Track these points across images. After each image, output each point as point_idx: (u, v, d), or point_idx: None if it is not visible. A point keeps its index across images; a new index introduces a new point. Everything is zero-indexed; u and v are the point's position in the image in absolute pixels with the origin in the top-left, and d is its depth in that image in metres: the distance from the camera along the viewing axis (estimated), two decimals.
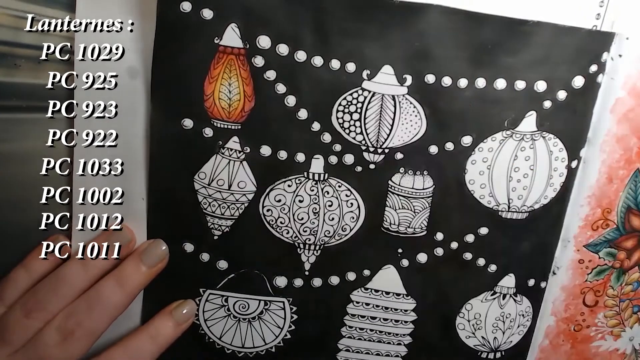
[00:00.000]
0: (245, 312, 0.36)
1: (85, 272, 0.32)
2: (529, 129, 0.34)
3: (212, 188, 0.33)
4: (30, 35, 0.30)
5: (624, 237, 0.38)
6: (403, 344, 0.38)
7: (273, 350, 0.37)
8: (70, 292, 0.32)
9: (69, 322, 0.31)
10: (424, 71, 0.32)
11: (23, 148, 0.32)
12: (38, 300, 0.31)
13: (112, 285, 0.32)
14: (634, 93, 0.35)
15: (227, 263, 0.35)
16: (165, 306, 0.35)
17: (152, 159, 0.33)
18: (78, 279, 0.32)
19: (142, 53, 0.31)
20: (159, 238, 0.34)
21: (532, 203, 0.36)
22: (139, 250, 0.33)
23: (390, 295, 0.37)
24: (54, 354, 0.30)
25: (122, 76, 0.31)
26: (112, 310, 0.32)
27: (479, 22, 0.31)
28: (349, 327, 0.37)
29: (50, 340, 0.31)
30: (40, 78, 0.31)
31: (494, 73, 0.32)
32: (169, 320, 0.34)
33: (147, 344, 0.33)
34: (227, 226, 0.34)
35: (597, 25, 0.34)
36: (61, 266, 0.32)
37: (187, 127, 0.32)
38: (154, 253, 0.33)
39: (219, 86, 0.31)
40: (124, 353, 0.32)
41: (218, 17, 0.30)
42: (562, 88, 0.33)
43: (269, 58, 0.31)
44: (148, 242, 0.34)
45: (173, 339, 0.34)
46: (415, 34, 0.31)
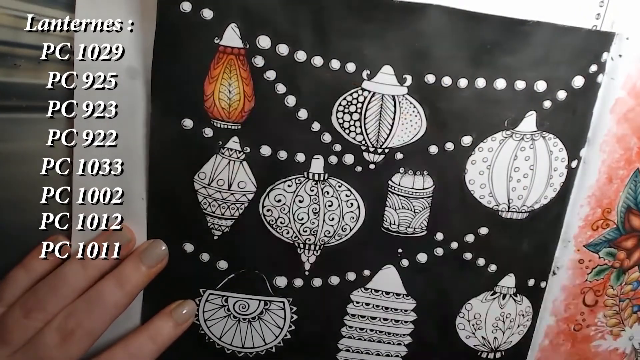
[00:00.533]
0: (245, 312, 0.36)
1: (84, 272, 0.32)
2: (529, 129, 0.34)
3: (212, 188, 0.33)
4: (30, 35, 0.30)
5: (623, 237, 0.38)
6: (403, 344, 0.38)
7: (273, 350, 0.37)
8: (69, 292, 0.32)
9: (69, 322, 0.31)
10: (424, 71, 0.32)
11: (23, 148, 0.32)
12: (37, 300, 0.31)
13: (112, 285, 0.32)
14: (634, 93, 0.35)
15: (227, 263, 0.35)
16: (165, 306, 0.35)
17: (152, 159, 0.33)
18: (78, 279, 0.32)
19: (142, 53, 0.31)
20: (159, 238, 0.34)
21: (532, 203, 0.36)
22: (139, 251, 0.33)
23: (390, 295, 0.37)
24: (53, 354, 0.30)
25: (122, 76, 0.31)
26: (112, 310, 0.32)
27: (478, 22, 0.31)
28: (349, 327, 0.37)
29: (50, 340, 0.31)
30: (40, 78, 0.31)
31: (494, 73, 0.32)
32: (169, 320, 0.34)
33: (147, 344, 0.33)
34: (227, 226, 0.34)
35: (597, 25, 0.34)
36: (61, 266, 0.32)
37: (187, 127, 0.32)
38: (153, 253, 0.33)
39: (219, 86, 0.31)
40: (124, 353, 0.32)
41: (218, 17, 0.30)
42: (562, 88, 0.33)
43: (269, 58, 0.31)
44: (148, 242, 0.34)
45: (173, 339, 0.34)
46: (415, 34, 0.31)
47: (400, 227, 0.35)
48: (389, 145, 0.33)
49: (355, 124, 0.33)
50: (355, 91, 0.32)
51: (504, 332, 0.38)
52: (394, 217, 0.35)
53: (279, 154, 0.33)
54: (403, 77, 0.32)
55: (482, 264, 0.37)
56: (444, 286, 0.37)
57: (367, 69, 0.32)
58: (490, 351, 0.39)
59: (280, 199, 0.34)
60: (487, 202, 0.35)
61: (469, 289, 0.37)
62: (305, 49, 0.31)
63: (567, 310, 0.39)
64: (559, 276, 0.38)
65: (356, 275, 0.36)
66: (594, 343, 0.41)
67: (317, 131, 0.33)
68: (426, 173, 0.34)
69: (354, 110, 0.32)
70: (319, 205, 0.34)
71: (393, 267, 0.36)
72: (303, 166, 0.33)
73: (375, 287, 0.36)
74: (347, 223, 0.35)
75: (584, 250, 0.38)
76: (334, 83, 0.32)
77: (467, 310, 0.38)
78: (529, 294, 0.38)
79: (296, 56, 0.31)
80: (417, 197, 0.35)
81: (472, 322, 0.38)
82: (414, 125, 0.33)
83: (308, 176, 0.34)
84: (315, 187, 0.34)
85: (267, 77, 0.32)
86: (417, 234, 0.35)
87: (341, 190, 0.34)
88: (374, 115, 0.33)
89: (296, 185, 0.34)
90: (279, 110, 0.32)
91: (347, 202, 0.34)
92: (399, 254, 0.36)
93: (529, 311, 0.38)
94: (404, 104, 0.33)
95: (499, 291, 0.37)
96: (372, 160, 0.34)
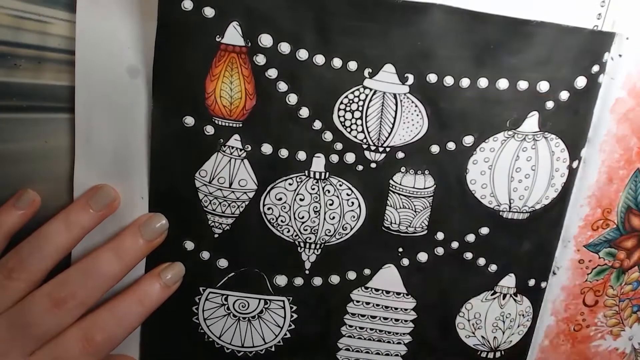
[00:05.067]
0: (245, 311, 0.36)
1: (68, 231, 0.31)
2: (531, 129, 0.34)
3: (213, 186, 0.33)
4: (30, 35, 0.30)
5: (624, 237, 0.38)
6: (403, 343, 0.38)
7: (273, 349, 0.37)
8: (53, 251, 0.31)
9: (62, 290, 0.30)
10: (425, 70, 0.32)
11: (23, 148, 0.31)
12: (20, 259, 0.30)
13: (110, 256, 0.31)
14: (634, 93, 0.35)
15: (227, 261, 0.35)
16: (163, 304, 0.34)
17: (153, 157, 0.32)
18: (61, 238, 0.31)
19: (143, 51, 0.31)
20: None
21: (534, 203, 0.36)
22: (139, 223, 0.33)
23: (391, 294, 0.37)
24: (43, 319, 0.30)
25: (123, 75, 0.31)
26: (108, 282, 0.31)
27: (481, 21, 0.31)
28: (349, 326, 0.37)
29: (40, 305, 0.30)
30: (40, 78, 0.31)
31: (497, 73, 0.32)
32: (157, 283, 0.33)
33: (135, 307, 0.32)
34: (228, 224, 0.34)
35: (598, 25, 0.34)
36: (44, 225, 0.31)
37: (189, 125, 0.32)
38: (153, 226, 0.33)
39: (221, 84, 0.31)
40: (111, 316, 0.32)
41: (219, 15, 0.30)
42: (564, 88, 0.33)
43: (270, 56, 0.31)
44: (148, 215, 0.33)
45: (161, 302, 0.33)
46: (417, 33, 0.31)
47: (400, 226, 0.35)
48: (390, 144, 0.33)
49: (357, 123, 0.33)
50: (357, 89, 0.32)
51: (503, 331, 0.38)
52: (394, 216, 0.35)
53: (280, 152, 0.33)
54: (405, 76, 0.32)
55: (483, 264, 0.37)
56: (444, 286, 0.37)
57: (369, 68, 0.32)
58: (490, 351, 0.39)
59: (281, 198, 0.34)
60: (488, 202, 0.35)
61: (469, 289, 0.37)
62: (307, 47, 0.31)
63: (567, 310, 0.39)
64: (559, 276, 0.38)
65: (356, 274, 0.36)
66: (593, 343, 0.41)
67: (319, 129, 0.33)
68: (427, 172, 0.34)
69: (356, 108, 0.32)
70: (320, 203, 0.34)
71: (393, 266, 0.36)
72: (304, 164, 0.33)
73: (375, 286, 0.36)
74: (348, 222, 0.35)
75: (584, 251, 0.38)
76: (335, 81, 0.32)
77: (467, 310, 0.38)
78: (529, 294, 0.38)
79: (298, 54, 0.31)
80: (418, 197, 0.35)
81: (472, 322, 0.38)
82: (416, 124, 0.33)
83: (309, 175, 0.34)
84: (316, 186, 0.34)
85: (268, 76, 0.31)
86: (417, 233, 0.35)
87: (342, 189, 0.34)
88: (375, 113, 0.33)
89: (297, 183, 0.34)
90: (280, 108, 0.32)
91: (347, 201, 0.34)
92: (399, 253, 0.36)
93: (529, 311, 0.38)
94: (406, 102, 0.33)
95: (499, 291, 0.37)
96: (373, 159, 0.34)
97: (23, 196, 0.31)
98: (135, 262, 0.33)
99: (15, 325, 0.30)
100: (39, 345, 0.30)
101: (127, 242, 0.32)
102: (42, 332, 0.30)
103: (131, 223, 0.33)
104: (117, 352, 0.34)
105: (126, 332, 0.32)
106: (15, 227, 0.31)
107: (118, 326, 0.32)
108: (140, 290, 0.33)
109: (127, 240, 0.32)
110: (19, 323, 0.30)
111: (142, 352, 0.36)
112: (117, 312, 0.32)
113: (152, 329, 0.36)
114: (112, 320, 0.32)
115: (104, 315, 0.32)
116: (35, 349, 0.30)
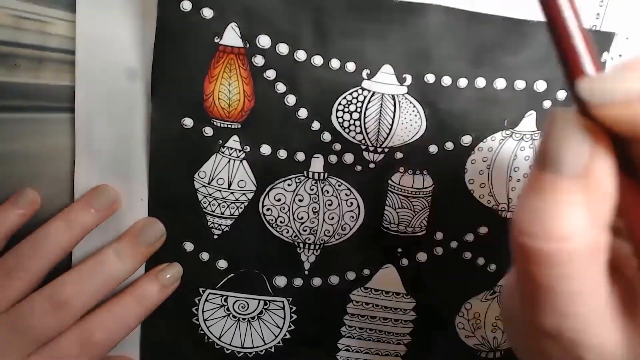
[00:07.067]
0: (245, 311, 0.36)
1: (69, 230, 0.31)
2: (528, 128, 0.34)
3: (212, 187, 0.33)
4: (30, 35, 0.30)
5: None
6: (403, 343, 0.38)
7: (272, 350, 0.37)
8: (53, 251, 0.31)
9: (62, 293, 0.31)
10: (423, 71, 0.32)
11: (23, 148, 0.32)
12: (19, 259, 0.30)
13: (112, 259, 0.32)
14: None
15: (227, 262, 0.35)
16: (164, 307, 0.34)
17: (152, 159, 0.33)
18: (61, 238, 0.31)
19: (142, 52, 0.31)
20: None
21: None
22: (139, 227, 0.33)
23: (390, 294, 0.37)
24: (42, 323, 0.30)
25: (122, 76, 0.31)
26: (109, 284, 0.32)
27: (479, 21, 0.31)
28: (349, 326, 0.37)
29: (40, 309, 0.30)
30: (40, 78, 0.31)
31: (494, 73, 0.32)
32: (155, 283, 0.33)
33: (133, 307, 0.32)
34: (227, 225, 0.34)
35: (596, 25, 0.33)
36: (44, 225, 0.31)
37: (187, 126, 0.32)
38: (153, 231, 0.33)
39: (219, 85, 0.31)
40: (110, 316, 0.32)
41: (218, 16, 0.30)
42: (562, 88, 0.33)
43: (269, 57, 0.31)
44: (147, 219, 0.33)
45: (159, 302, 0.33)
46: (415, 34, 0.31)
47: (399, 226, 0.35)
48: (388, 145, 0.33)
49: (355, 124, 0.33)
50: (355, 90, 0.32)
51: (503, 331, 0.38)
52: (393, 216, 0.35)
53: (278, 153, 0.33)
54: (403, 76, 0.32)
55: (482, 263, 0.37)
56: (443, 285, 0.37)
57: (367, 69, 0.32)
58: (489, 350, 0.39)
59: (280, 198, 0.34)
60: (486, 202, 0.35)
61: (468, 288, 0.37)
62: (305, 48, 0.31)
63: None
64: None
65: (356, 275, 0.36)
66: None
67: (317, 130, 0.33)
68: (426, 172, 0.34)
69: (354, 109, 0.32)
70: (319, 204, 0.34)
71: (393, 266, 0.36)
72: (303, 165, 0.33)
73: (374, 287, 0.36)
74: (347, 222, 0.35)
75: None
76: (333, 82, 0.32)
77: (466, 310, 0.38)
78: None
79: (296, 55, 0.31)
80: (416, 197, 0.35)
81: (471, 322, 0.38)
82: (414, 124, 0.33)
83: (308, 175, 0.34)
84: (315, 187, 0.34)
85: (267, 77, 0.32)
86: (416, 233, 0.36)
87: (341, 190, 0.34)
88: (373, 114, 0.33)
89: (296, 184, 0.34)
90: (278, 109, 0.32)
91: (346, 202, 0.34)
92: (398, 253, 0.36)
93: None
94: (404, 103, 0.33)
95: (498, 290, 0.37)
96: (371, 160, 0.34)
97: (23, 196, 0.31)
98: (137, 266, 0.33)
99: (15, 327, 0.30)
100: (38, 347, 0.30)
101: (128, 245, 0.32)
102: (41, 334, 0.30)
103: (131, 227, 0.33)
104: (117, 353, 0.34)
105: (125, 333, 0.32)
106: (15, 227, 0.31)
107: (116, 326, 0.32)
108: (138, 291, 0.33)
109: (128, 244, 0.32)
110: (18, 325, 0.30)
111: (142, 352, 0.36)
112: (115, 313, 0.32)
113: (152, 330, 0.36)
114: (111, 320, 0.32)
115: (102, 316, 0.32)
116: (33, 350, 0.30)
